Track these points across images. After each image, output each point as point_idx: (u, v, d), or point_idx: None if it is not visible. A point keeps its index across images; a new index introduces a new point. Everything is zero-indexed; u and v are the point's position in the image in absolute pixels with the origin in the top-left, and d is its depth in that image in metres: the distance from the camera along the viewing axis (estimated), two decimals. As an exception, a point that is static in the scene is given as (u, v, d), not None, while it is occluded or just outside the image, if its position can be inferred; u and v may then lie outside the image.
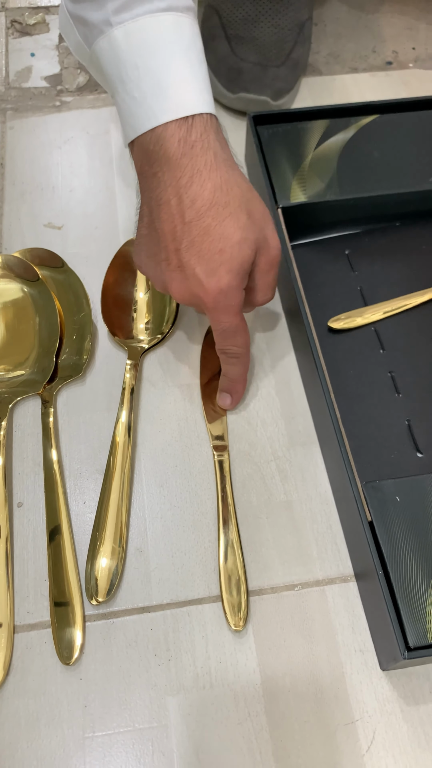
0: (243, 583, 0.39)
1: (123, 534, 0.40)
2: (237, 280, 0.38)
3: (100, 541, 0.40)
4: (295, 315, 0.46)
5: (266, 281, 0.41)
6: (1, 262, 0.47)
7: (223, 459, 0.43)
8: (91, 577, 0.39)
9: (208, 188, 0.37)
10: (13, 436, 0.44)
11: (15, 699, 0.36)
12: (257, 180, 0.52)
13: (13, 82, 0.64)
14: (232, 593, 0.38)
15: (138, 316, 0.48)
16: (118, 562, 0.39)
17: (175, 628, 0.38)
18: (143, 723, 0.36)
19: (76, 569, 0.39)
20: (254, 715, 0.36)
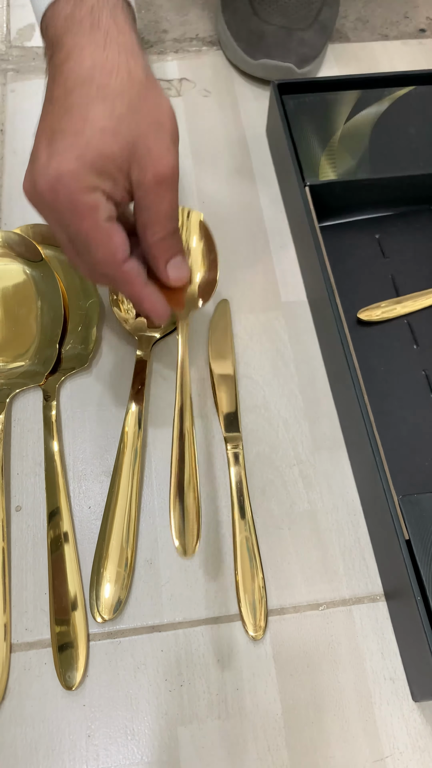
0: (263, 602, 0.35)
1: (131, 544, 0.37)
2: (86, 173, 0.30)
3: (106, 552, 0.36)
4: (321, 305, 0.42)
5: (158, 208, 0.32)
6: (1, 239, 0.43)
7: (238, 451, 0.39)
8: (96, 592, 0.35)
9: (85, 66, 0.31)
10: (12, 432, 0.40)
11: (11, 726, 0.33)
12: (282, 155, 0.48)
13: (14, 41, 0.59)
14: (250, 612, 0.35)
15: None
16: (126, 575, 0.36)
17: (187, 650, 0.35)
18: (152, 756, 0.32)
19: (79, 582, 0.36)
20: (274, 750, 0.33)
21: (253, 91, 0.57)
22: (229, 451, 0.40)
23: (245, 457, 0.40)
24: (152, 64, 0.58)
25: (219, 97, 0.56)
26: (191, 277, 0.36)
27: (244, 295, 0.46)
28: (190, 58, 0.59)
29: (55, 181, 0.30)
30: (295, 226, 0.47)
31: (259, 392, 0.42)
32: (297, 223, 0.46)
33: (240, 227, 0.49)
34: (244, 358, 0.43)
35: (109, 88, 0.31)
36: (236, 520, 0.37)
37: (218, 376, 0.42)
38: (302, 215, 0.44)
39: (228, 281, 0.46)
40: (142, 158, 0.31)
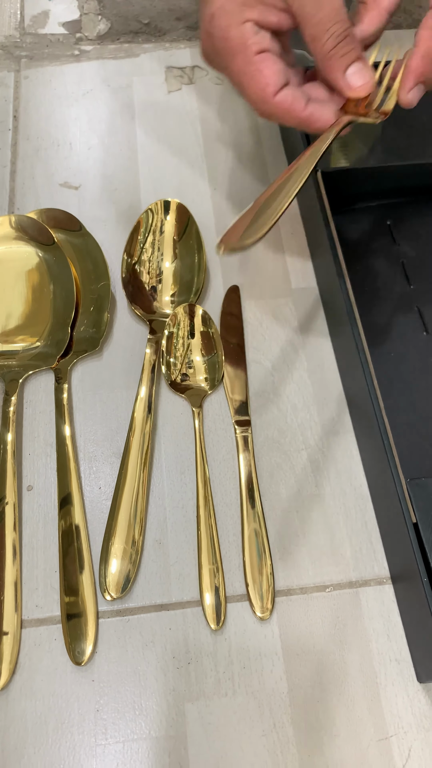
0: (270, 585, 0.36)
1: (140, 524, 0.37)
2: (233, 6, 0.30)
3: (115, 532, 0.37)
4: (331, 291, 0.42)
5: (320, 13, 0.30)
6: (14, 223, 0.43)
7: (247, 435, 0.40)
8: (105, 571, 0.36)
9: None
10: (24, 414, 0.41)
11: (22, 700, 0.33)
12: (292, 141, 0.48)
13: (28, 27, 0.59)
14: (258, 595, 0.35)
15: (163, 287, 0.44)
16: (135, 555, 0.36)
17: (195, 629, 0.35)
18: (160, 731, 0.33)
19: (89, 561, 0.36)
20: (280, 727, 0.33)
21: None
22: (238, 435, 0.40)
23: (254, 441, 0.40)
24: (165, 51, 0.58)
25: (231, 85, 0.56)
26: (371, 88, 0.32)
27: (254, 281, 0.46)
28: (203, 45, 0.59)
29: (209, 26, 0.30)
30: (306, 212, 0.47)
31: (268, 377, 0.42)
32: (308, 209, 0.46)
33: (251, 214, 0.49)
34: (254, 344, 0.44)
35: None
36: (244, 504, 0.38)
37: (228, 361, 0.42)
38: (314, 202, 0.44)
39: (238, 267, 0.47)
40: None
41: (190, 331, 0.42)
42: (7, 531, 0.36)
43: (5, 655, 0.34)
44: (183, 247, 0.45)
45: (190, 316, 0.42)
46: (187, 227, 0.45)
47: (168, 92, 0.56)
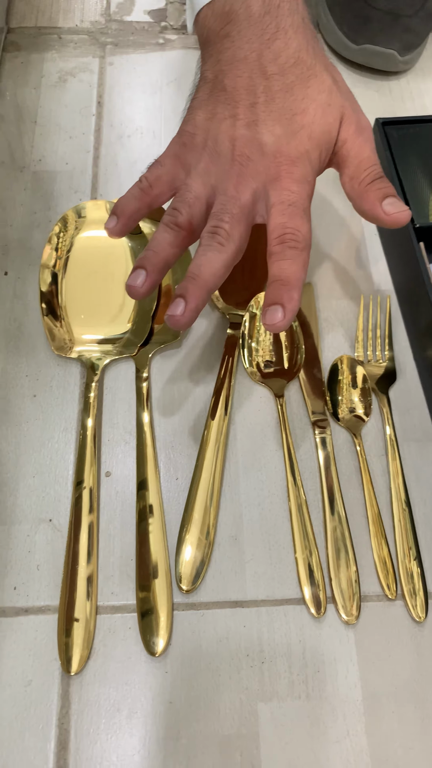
0: (355, 587, 0.35)
1: (215, 518, 0.37)
2: (316, 152, 0.34)
3: (191, 525, 0.37)
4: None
5: (362, 155, 0.35)
6: (107, 209, 0.43)
7: (326, 436, 0.39)
8: (180, 562, 0.36)
9: (292, 47, 0.35)
10: (104, 400, 0.41)
11: (96, 686, 0.33)
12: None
13: (114, 14, 0.59)
14: (341, 596, 0.35)
15: (247, 280, 0.44)
16: (209, 549, 0.36)
17: (270, 628, 0.35)
18: (231, 729, 0.32)
19: (165, 551, 0.36)
20: (354, 735, 0.32)
21: (350, 77, 0.56)
22: (317, 436, 0.39)
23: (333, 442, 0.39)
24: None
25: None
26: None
27: (333, 280, 0.45)
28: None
29: (295, 158, 0.34)
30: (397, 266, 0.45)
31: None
32: (401, 266, 0.44)
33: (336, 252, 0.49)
34: (334, 344, 0.43)
35: (315, 68, 0.35)
36: (325, 505, 0.37)
37: (305, 360, 0.42)
38: (409, 264, 0.42)
39: (316, 265, 0.46)
40: (346, 119, 0.35)
41: None
42: (83, 515, 0.36)
43: (79, 639, 0.34)
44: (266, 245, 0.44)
45: None
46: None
47: (252, 85, 0.55)
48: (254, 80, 0.34)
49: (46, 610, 0.35)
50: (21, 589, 0.35)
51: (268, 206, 0.34)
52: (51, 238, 0.43)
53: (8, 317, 0.43)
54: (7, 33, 0.57)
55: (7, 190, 0.48)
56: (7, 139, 0.51)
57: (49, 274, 0.42)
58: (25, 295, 0.44)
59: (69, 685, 0.33)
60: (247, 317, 0.42)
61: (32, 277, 0.44)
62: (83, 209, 0.44)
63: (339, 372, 0.41)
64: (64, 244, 0.43)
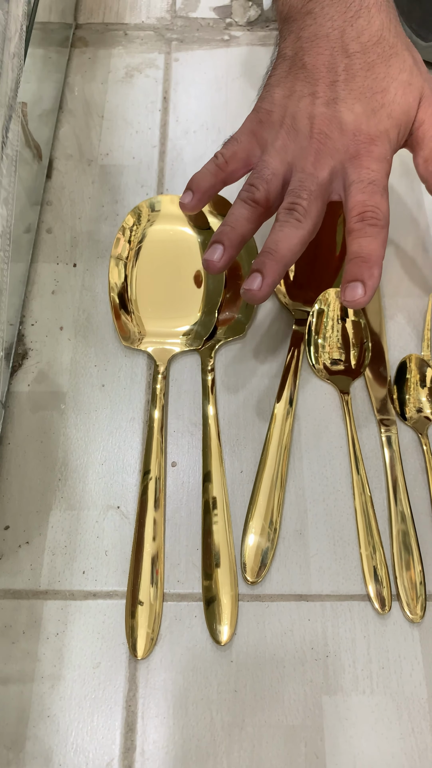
0: (421, 585, 0.35)
1: (279, 512, 0.37)
2: (395, 131, 0.34)
3: (255, 516, 0.37)
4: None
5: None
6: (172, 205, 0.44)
7: (391, 435, 0.39)
8: (245, 553, 0.36)
9: (375, 25, 0.35)
10: (169, 392, 0.41)
11: (162, 671, 0.34)
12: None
13: (179, 11, 0.60)
14: (406, 594, 0.35)
15: (311, 279, 0.44)
16: (274, 541, 0.36)
17: (334, 623, 0.35)
18: (296, 720, 0.33)
19: (230, 543, 0.36)
20: (418, 732, 0.33)
21: (417, 74, 0.56)
22: (382, 434, 0.39)
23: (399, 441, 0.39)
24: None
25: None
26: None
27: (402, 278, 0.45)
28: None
29: (375, 136, 0.34)
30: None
31: (414, 378, 0.42)
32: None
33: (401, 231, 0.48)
34: (400, 343, 0.43)
35: (397, 46, 0.34)
36: (391, 503, 0.37)
37: (371, 358, 0.42)
38: None
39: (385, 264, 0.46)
40: (426, 99, 0.35)
41: (340, 314, 0.42)
42: (149, 504, 0.37)
43: (146, 625, 0.34)
44: (334, 241, 0.45)
45: None
46: (339, 220, 0.45)
47: (316, 82, 0.55)
48: (335, 58, 0.34)
49: (113, 595, 0.35)
50: (89, 574, 0.36)
51: (347, 184, 0.34)
52: (124, 230, 0.44)
53: (77, 308, 0.44)
54: (75, 29, 0.58)
55: (76, 183, 0.49)
56: (75, 134, 0.52)
57: (120, 265, 0.43)
58: (93, 286, 0.44)
59: (136, 669, 0.34)
60: (314, 313, 0.42)
61: (100, 269, 0.45)
62: (158, 203, 0.44)
63: (407, 371, 0.41)
64: (136, 236, 0.43)
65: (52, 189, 0.49)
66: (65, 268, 0.45)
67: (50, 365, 0.42)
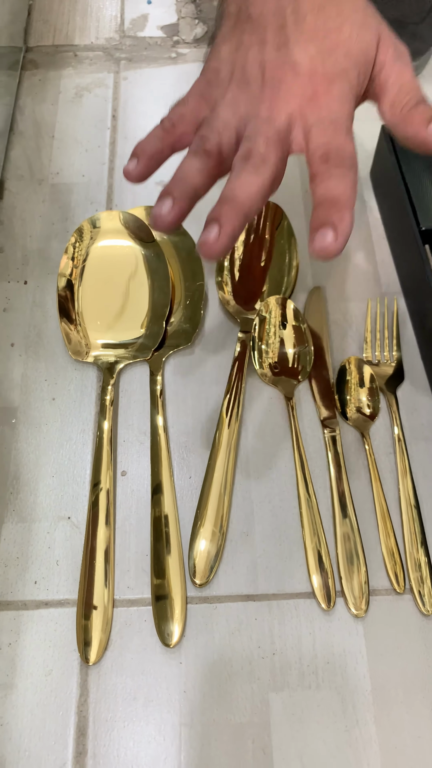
0: (364, 582, 0.36)
1: (226, 515, 0.38)
2: (355, 71, 0.31)
3: (203, 520, 0.38)
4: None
5: (403, 79, 0.32)
6: (120, 219, 0.45)
7: (335, 435, 0.40)
8: (193, 557, 0.37)
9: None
10: (119, 402, 0.42)
11: (113, 675, 0.35)
12: (392, 198, 0.46)
13: (128, 30, 0.61)
14: (351, 591, 0.36)
15: (254, 286, 0.45)
16: (221, 544, 0.37)
17: (281, 621, 0.36)
18: (243, 717, 0.34)
19: (179, 547, 0.37)
20: (363, 724, 0.33)
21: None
22: (326, 435, 0.40)
23: (342, 441, 0.41)
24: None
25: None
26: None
27: (344, 282, 0.47)
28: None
29: (333, 76, 0.31)
30: (408, 281, 0.46)
31: (357, 379, 0.43)
32: (408, 269, 0.45)
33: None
34: (342, 346, 0.44)
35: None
36: (335, 502, 0.38)
37: (314, 362, 0.43)
38: (415, 266, 0.42)
39: (329, 269, 0.47)
40: (384, 41, 0.32)
41: (281, 321, 0.43)
42: (100, 513, 0.38)
43: (97, 631, 0.35)
44: (275, 248, 0.46)
45: (281, 307, 0.43)
46: (279, 228, 0.46)
47: (262, 95, 0.57)
48: (281, 3, 0.32)
49: (65, 604, 0.36)
50: (41, 584, 0.37)
51: (306, 129, 0.31)
52: (67, 248, 0.45)
53: (28, 324, 0.45)
54: (25, 52, 0.59)
55: (27, 203, 0.50)
56: (26, 154, 0.53)
57: (66, 282, 0.44)
58: (44, 303, 0.46)
59: (87, 674, 0.35)
60: (257, 320, 0.43)
61: (51, 286, 0.46)
62: (98, 220, 0.45)
63: (347, 372, 0.42)
64: (80, 253, 0.45)
65: (4, 209, 0.50)
66: (16, 285, 0.46)
67: (1, 381, 0.43)
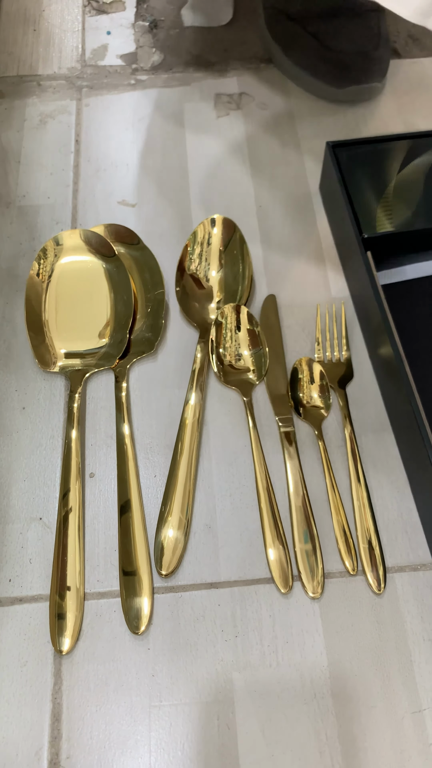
0: (320, 566, 0.39)
1: (190, 509, 0.41)
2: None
3: (168, 515, 0.40)
4: (386, 365, 0.43)
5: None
6: (81, 237, 0.48)
7: (289, 431, 0.43)
8: (159, 550, 0.39)
9: None
10: (86, 409, 0.45)
11: (85, 664, 0.37)
12: (338, 209, 0.49)
13: (89, 60, 0.65)
14: (307, 573, 0.38)
15: (210, 294, 0.48)
16: (185, 536, 0.40)
17: (242, 606, 0.38)
18: (209, 696, 0.36)
19: (145, 541, 0.40)
20: (320, 697, 0.36)
21: (307, 101, 0.61)
22: (281, 431, 0.43)
23: (296, 437, 0.43)
24: (214, 80, 0.63)
25: (275, 111, 0.60)
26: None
27: (297, 290, 0.50)
28: (250, 75, 0.63)
29: None
30: (356, 289, 0.48)
31: (310, 379, 0.46)
32: (358, 285, 0.47)
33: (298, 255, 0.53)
34: (296, 348, 0.47)
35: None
36: (290, 493, 0.41)
37: (270, 364, 0.46)
38: (360, 272, 0.45)
39: (283, 277, 0.50)
40: None
41: (237, 325, 0.46)
42: (70, 513, 0.40)
43: (69, 623, 0.37)
44: (228, 258, 0.49)
45: (236, 313, 0.46)
46: (232, 240, 0.49)
47: (217, 117, 0.60)
48: None
49: (38, 599, 0.38)
50: (15, 581, 0.39)
51: None
52: (34, 266, 0.47)
53: (-2, 339, 0.47)
54: (-9, 83, 0.62)
55: (-5, 225, 0.53)
56: (-6, 179, 0.56)
57: (33, 297, 0.47)
58: (13, 318, 0.48)
59: (61, 664, 0.37)
60: (214, 326, 0.46)
61: (19, 302, 0.48)
62: (61, 238, 0.48)
63: (299, 371, 0.45)
64: (45, 270, 0.47)
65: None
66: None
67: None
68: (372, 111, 0.60)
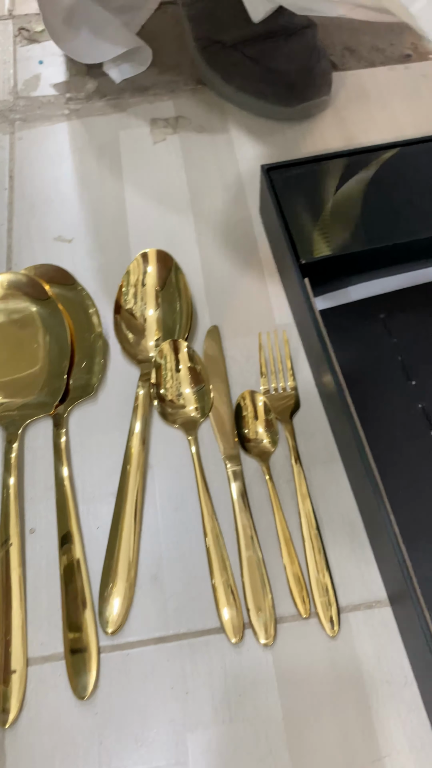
0: (271, 610, 0.37)
1: (135, 561, 0.39)
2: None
3: (113, 569, 0.39)
4: (330, 394, 0.42)
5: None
6: (8, 282, 0.46)
7: (236, 469, 0.41)
8: (105, 607, 0.38)
9: None
10: (25, 459, 0.43)
11: (29, 735, 0.35)
12: (275, 234, 0.48)
13: (21, 92, 0.63)
14: (258, 619, 0.37)
15: (148, 332, 0.47)
16: (130, 589, 0.38)
17: (192, 659, 0.37)
18: (161, 760, 0.34)
19: (90, 598, 0.38)
20: (276, 752, 0.34)
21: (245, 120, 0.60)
22: (229, 470, 0.42)
23: (244, 474, 0.42)
24: (150, 104, 0.61)
25: (213, 132, 0.59)
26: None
27: (240, 319, 0.48)
28: (186, 97, 0.62)
29: None
30: (297, 312, 0.47)
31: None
32: (299, 307, 0.46)
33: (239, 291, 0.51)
34: (240, 380, 0.46)
35: None
36: (239, 534, 0.39)
37: (214, 400, 0.44)
38: (300, 299, 0.44)
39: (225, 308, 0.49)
40: None
41: (176, 364, 0.44)
42: (12, 572, 0.39)
43: (14, 692, 0.36)
44: (165, 294, 0.48)
45: (174, 351, 0.45)
46: (170, 273, 0.48)
47: (153, 143, 0.59)
48: None
49: (-20, 668, 0.36)
50: None
51: None
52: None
53: None
54: None
55: None
56: None
57: (-37, 347, 0.45)
58: None
59: (4, 738, 0.35)
60: (153, 366, 0.44)
61: None
62: (-9, 282, 0.47)
63: (243, 408, 0.43)
64: (-26, 317, 0.46)
65: None
66: None
67: None
68: (311, 127, 0.59)
